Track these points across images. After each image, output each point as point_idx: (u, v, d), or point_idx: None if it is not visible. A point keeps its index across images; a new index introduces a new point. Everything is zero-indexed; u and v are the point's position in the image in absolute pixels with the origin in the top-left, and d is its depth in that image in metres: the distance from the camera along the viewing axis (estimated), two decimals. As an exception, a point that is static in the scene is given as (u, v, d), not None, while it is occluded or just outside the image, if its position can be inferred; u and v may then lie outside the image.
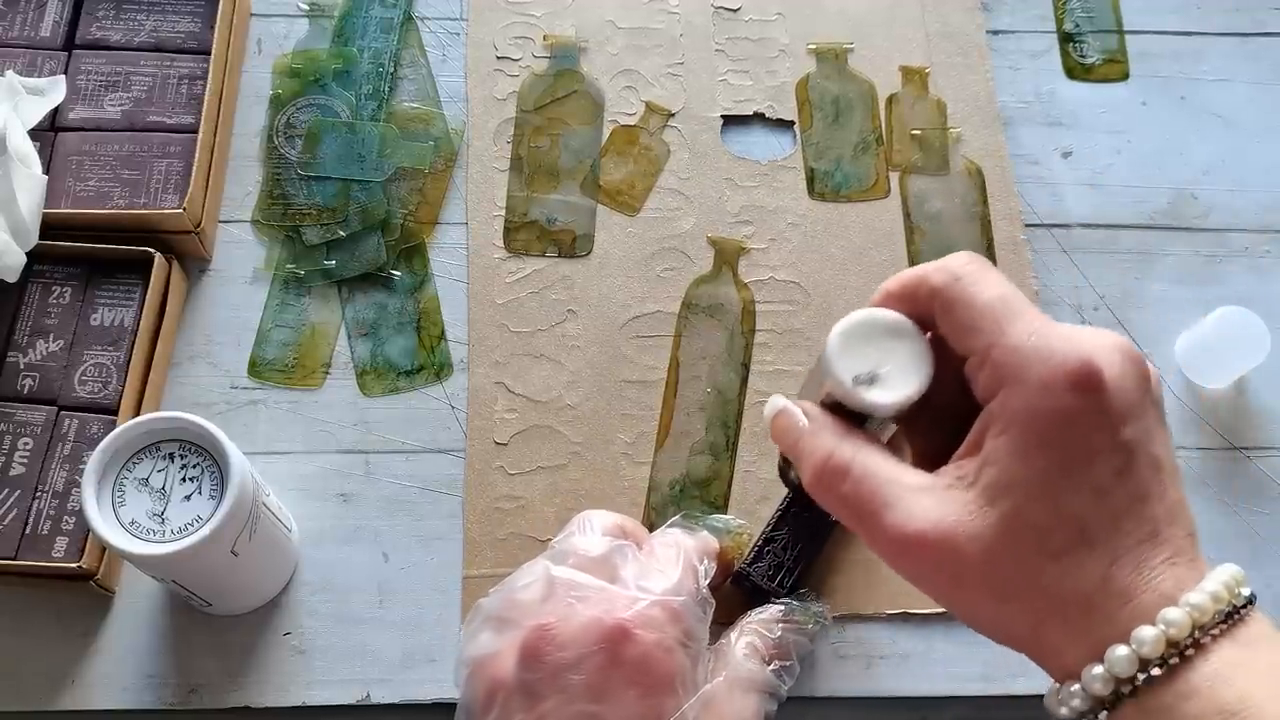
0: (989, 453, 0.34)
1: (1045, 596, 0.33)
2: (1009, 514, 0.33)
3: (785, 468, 0.45)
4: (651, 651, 0.39)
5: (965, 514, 0.33)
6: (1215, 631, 0.31)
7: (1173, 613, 0.31)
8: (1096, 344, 0.33)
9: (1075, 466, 0.33)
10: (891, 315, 0.38)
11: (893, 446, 0.39)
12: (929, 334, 0.37)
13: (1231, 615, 0.32)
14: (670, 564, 0.43)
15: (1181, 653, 0.31)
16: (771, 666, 0.45)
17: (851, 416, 0.38)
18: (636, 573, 0.42)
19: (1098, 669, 0.32)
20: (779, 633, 0.47)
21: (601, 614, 0.39)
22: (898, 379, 0.37)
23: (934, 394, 0.37)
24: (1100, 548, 0.32)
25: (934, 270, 0.37)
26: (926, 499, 0.34)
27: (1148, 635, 0.31)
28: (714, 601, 0.44)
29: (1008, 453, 0.33)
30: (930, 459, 0.37)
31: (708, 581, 0.44)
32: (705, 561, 0.45)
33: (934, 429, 0.38)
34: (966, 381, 0.36)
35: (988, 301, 0.35)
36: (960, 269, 0.36)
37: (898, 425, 0.39)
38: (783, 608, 0.48)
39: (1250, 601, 0.32)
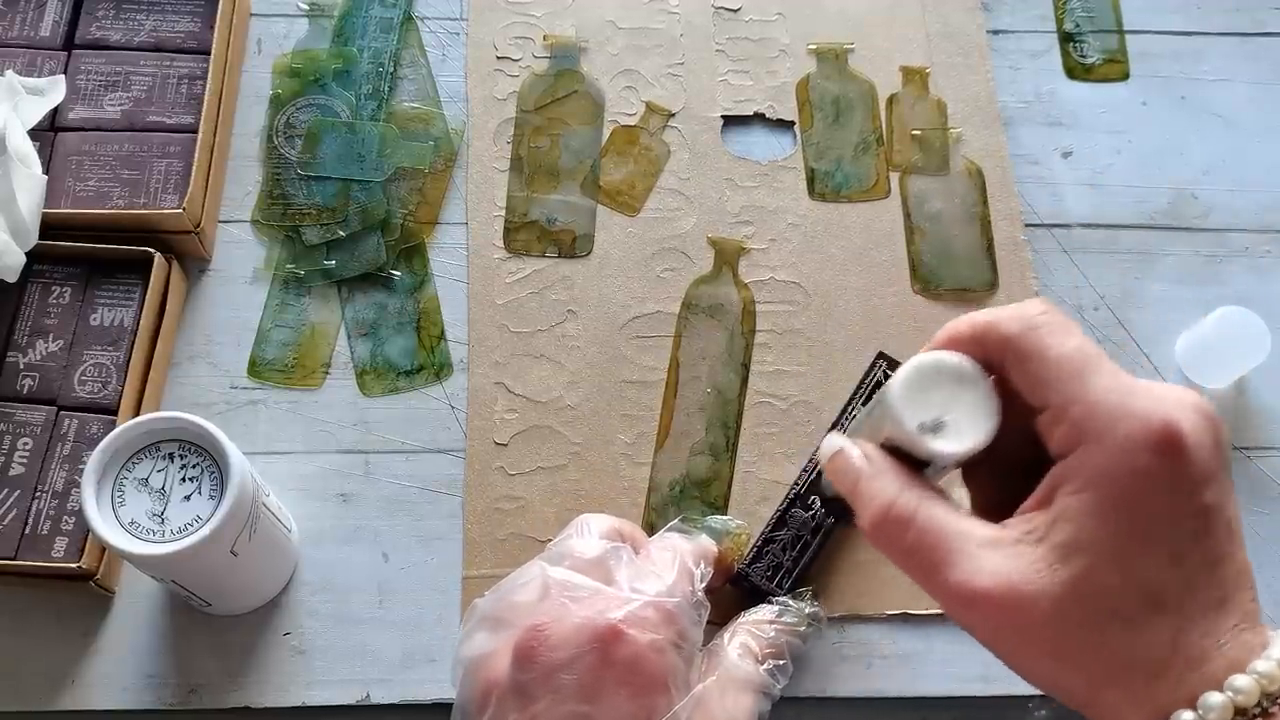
0: (1062, 510, 0.33)
1: (1111, 659, 0.32)
2: (1080, 575, 0.32)
3: (826, 489, 0.44)
4: (643, 652, 0.39)
5: (1033, 572, 0.33)
6: None
7: (1241, 680, 0.31)
8: (1177, 403, 0.33)
9: (1153, 530, 0.32)
10: (957, 360, 0.37)
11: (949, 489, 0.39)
12: (992, 377, 0.37)
13: None
14: (666, 567, 0.43)
15: None
16: (765, 666, 0.45)
17: (911, 460, 0.37)
18: (631, 575, 0.42)
19: None
20: (772, 633, 0.46)
21: (594, 615, 0.40)
22: (963, 426, 0.36)
23: (999, 443, 0.36)
24: (1171, 612, 0.32)
25: (1008, 318, 0.36)
26: (993, 554, 0.34)
27: (1215, 702, 0.31)
28: (709, 605, 0.44)
29: (1083, 512, 0.33)
30: (987, 507, 0.37)
31: (704, 585, 0.44)
32: (702, 565, 0.44)
33: (994, 477, 0.38)
34: (1031, 431, 0.35)
35: (1066, 354, 0.34)
36: (1036, 318, 0.35)
37: (957, 469, 0.38)
38: (776, 608, 0.48)
39: None
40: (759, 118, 0.64)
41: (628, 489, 0.55)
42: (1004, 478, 0.37)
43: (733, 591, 0.52)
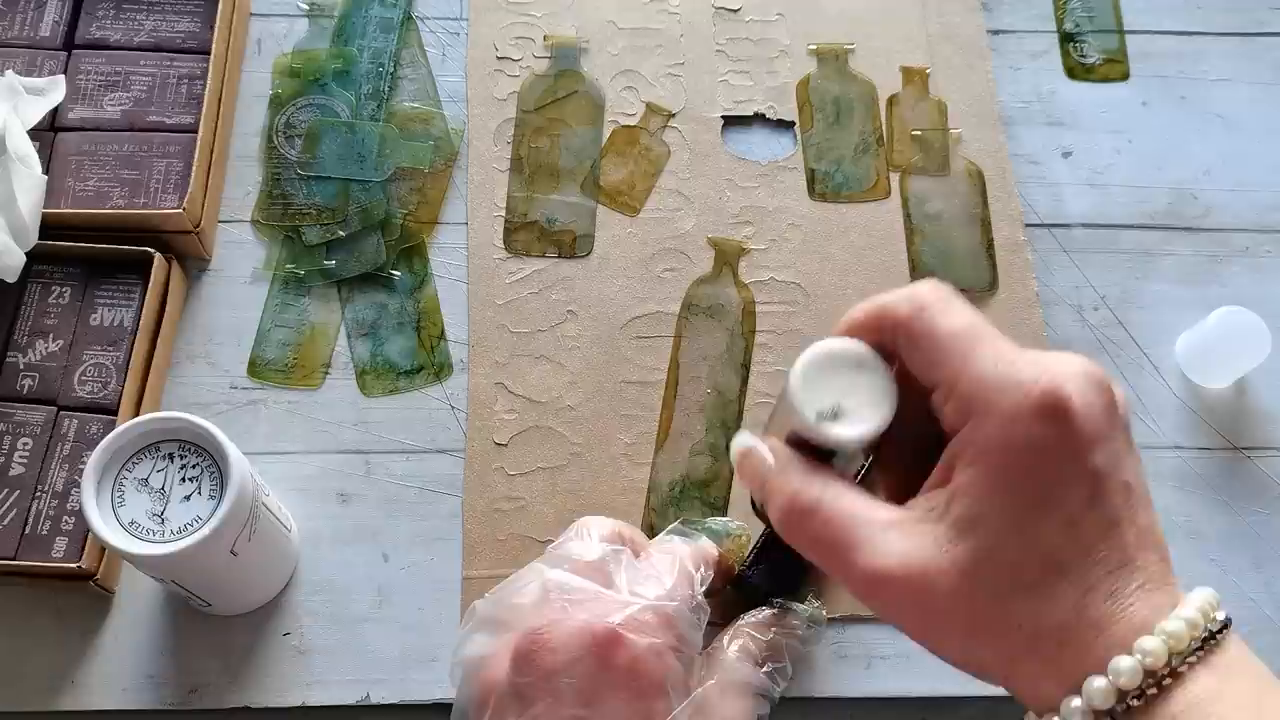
0: (958, 485, 0.33)
1: (1019, 630, 0.32)
2: (979, 548, 0.32)
3: (757, 503, 0.44)
4: (642, 656, 0.39)
5: (935, 549, 0.33)
6: (1192, 659, 0.31)
7: (1149, 641, 0.31)
8: (1062, 370, 0.33)
9: (1045, 497, 0.32)
10: (854, 346, 0.37)
11: (865, 479, 0.39)
12: (894, 364, 0.37)
13: (1207, 641, 0.31)
14: (665, 570, 0.43)
15: (1159, 682, 0.31)
16: (764, 669, 0.45)
17: (818, 452, 0.37)
18: (630, 578, 0.42)
19: (1076, 702, 0.31)
20: (771, 635, 0.46)
21: (593, 619, 0.39)
22: (862, 412, 0.36)
23: (902, 424, 0.36)
24: (1072, 578, 0.32)
25: (898, 300, 0.36)
26: (896, 535, 0.34)
27: (1125, 665, 0.31)
28: (708, 608, 0.44)
29: (977, 485, 0.33)
30: (901, 490, 0.37)
31: (704, 588, 0.44)
32: (702, 568, 0.44)
33: (903, 459, 0.38)
34: (930, 411, 0.35)
35: (952, 331, 0.35)
36: (924, 298, 0.36)
37: (868, 457, 0.38)
38: (775, 610, 0.48)
39: (1225, 625, 0.32)
40: (759, 118, 0.64)
41: (628, 489, 0.55)
42: (910, 459, 0.37)
43: (733, 593, 0.52)
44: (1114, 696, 0.31)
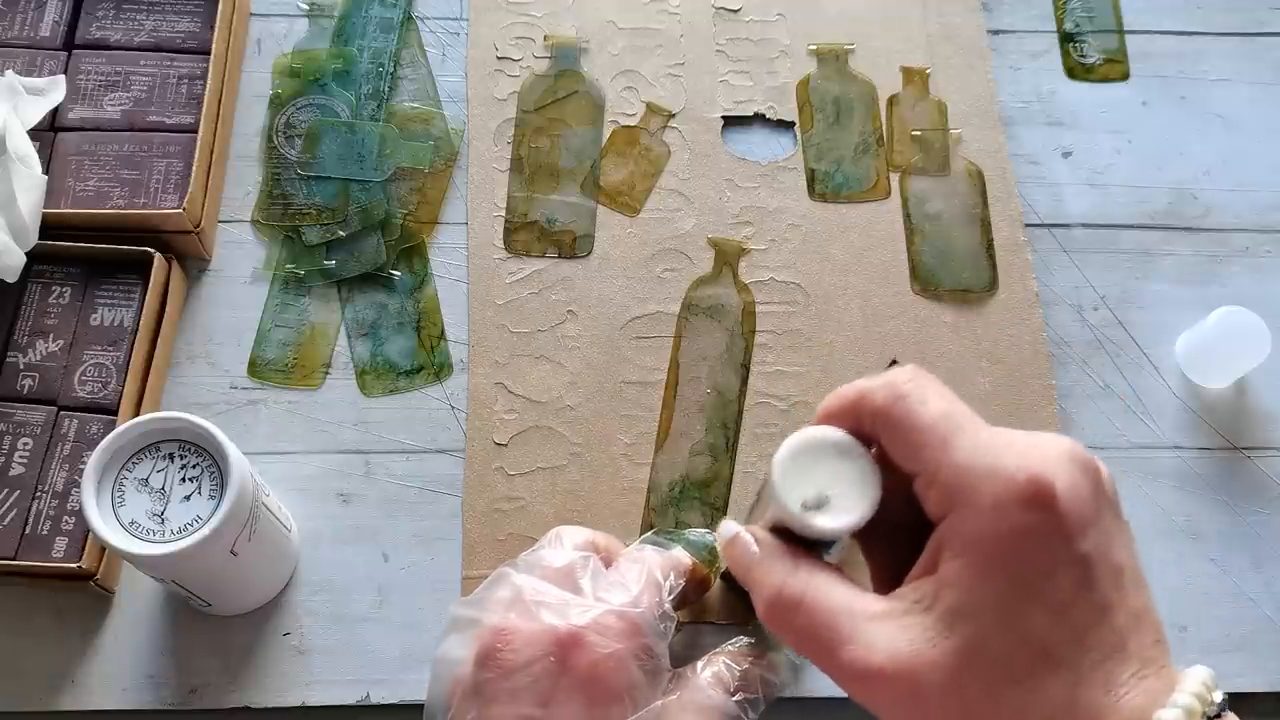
0: (944, 576, 0.33)
1: None
2: (969, 641, 0.32)
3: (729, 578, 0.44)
4: (602, 661, 0.39)
5: (924, 643, 0.33)
6: None
7: None
8: (1046, 455, 0.32)
9: (1033, 586, 0.32)
10: (835, 434, 0.37)
11: (850, 563, 0.38)
12: (874, 448, 0.37)
13: None
14: (633, 579, 0.42)
15: None
16: (736, 698, 0.43)
17: (804, 540, 0.37)
18: (597, 585, 0.42)
19: None
20: (747, 665, 0.44)
21: (557, 620, 0.39)
22: (846, 501, 0.36)
23: (887, 509, 0.36)
24: (1064, 668, 0.31)
25: (877, 388, 0.36)
26: (884, 628, 0.33)
27: None
28: (675, 618, 0.43)
29: (964, 576, 0.32)
30: (887, 574, 0.37)
31: (672, 597, 0.43)
32: (671, 577, 0.43)
33: (887, 545, 0.38)
34: (914, 496, 0.35)
35: (931, 420, 0.34)
36: (903, 386, 0.35)
37: (852, 540, 0.38)
38: (753, 641, 0.47)
39: (1223, 709, 0.31)
40: (759, 118, 0.64)
41: (628, 489, 0.55)
42: (896, 544, 0.37)
43: (725, 594, 0.52)
44: None
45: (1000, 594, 0.32)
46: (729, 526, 0.39)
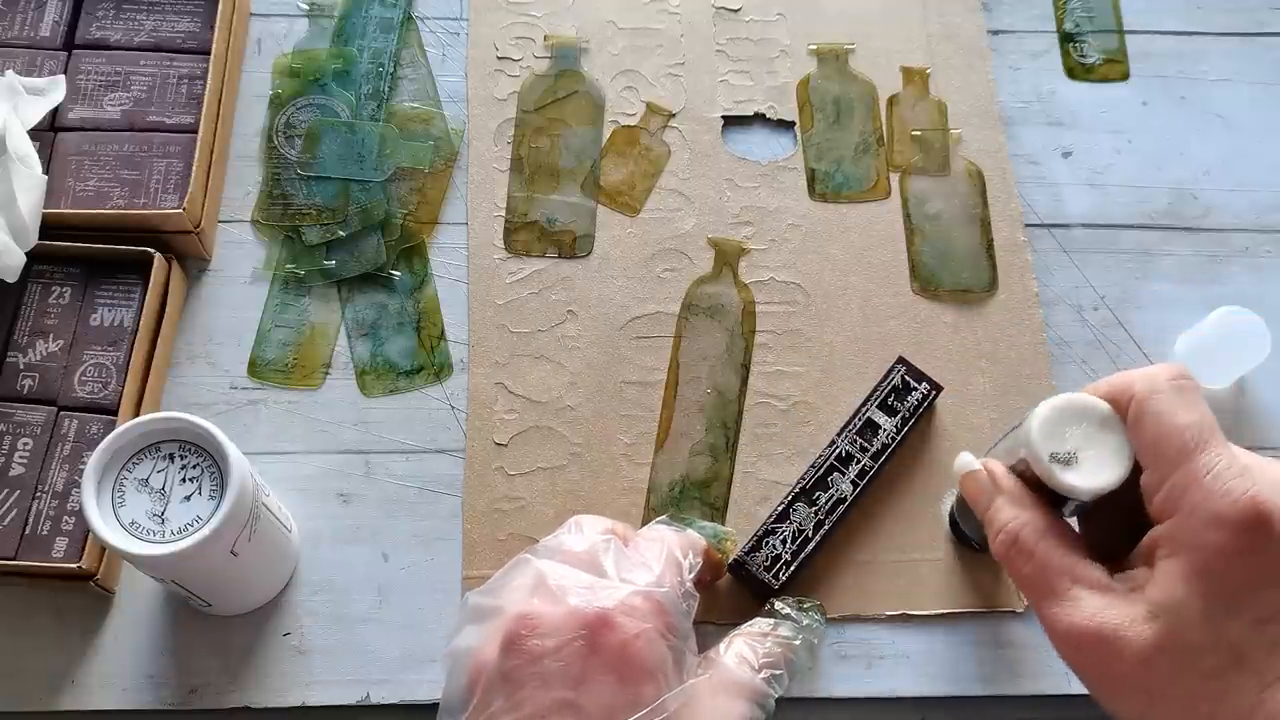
0: (1157, 572, 0.36)
1: (1194, 711, 0.35)
2: (1169, 630, 0.35)
3: (959, 515, 0.49)
4: (631, 641, 0.39)
5: (1127, 622, 0.36)
6: None
7: None
8: (1270, 484, 0.35)
9: (1239, 598, 0.35)
10: (1102, 406, 0.39)
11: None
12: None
13: None
14: (654, 558, 0.43)
15: None
16: (761, 675, 0.44)
17: (1040, 487, 0.40)
18: (620, 566, 0.42)
19: None
20: (768, 644, 0.46)
21: (583, 603, 0.40)
22: (1094, 466, 0.39)
23: (1119, 489, 0.39)
24: (1254, 673, 0.35)
25: (1139, 378, 0.39)
26: (1096, 598, 0.37)
27: None
28: (698, 596, 0.44)
29: (1174, 576, 0.36)
30: (1097, 548, 0.40)
31: (693, 576, 0.44)
32: (690, 556, 0.45)
33: (1107, 515, 0.41)
34: (1143, 487, 0.38)
35: (1178, 427, 0.37)
36: (1164, 383, 0.38)
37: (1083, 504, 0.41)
38: (773, 622, 0.48)
39: None
40: (759, 118, 0.64)
41: (628, 489, 0.55)
42: (1112, 519, 0.40)
43: (735, 588, 0.52)
44: None
45: (1206, 599, 0.35)
46: (969, 459, 0.43)
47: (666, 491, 0.55)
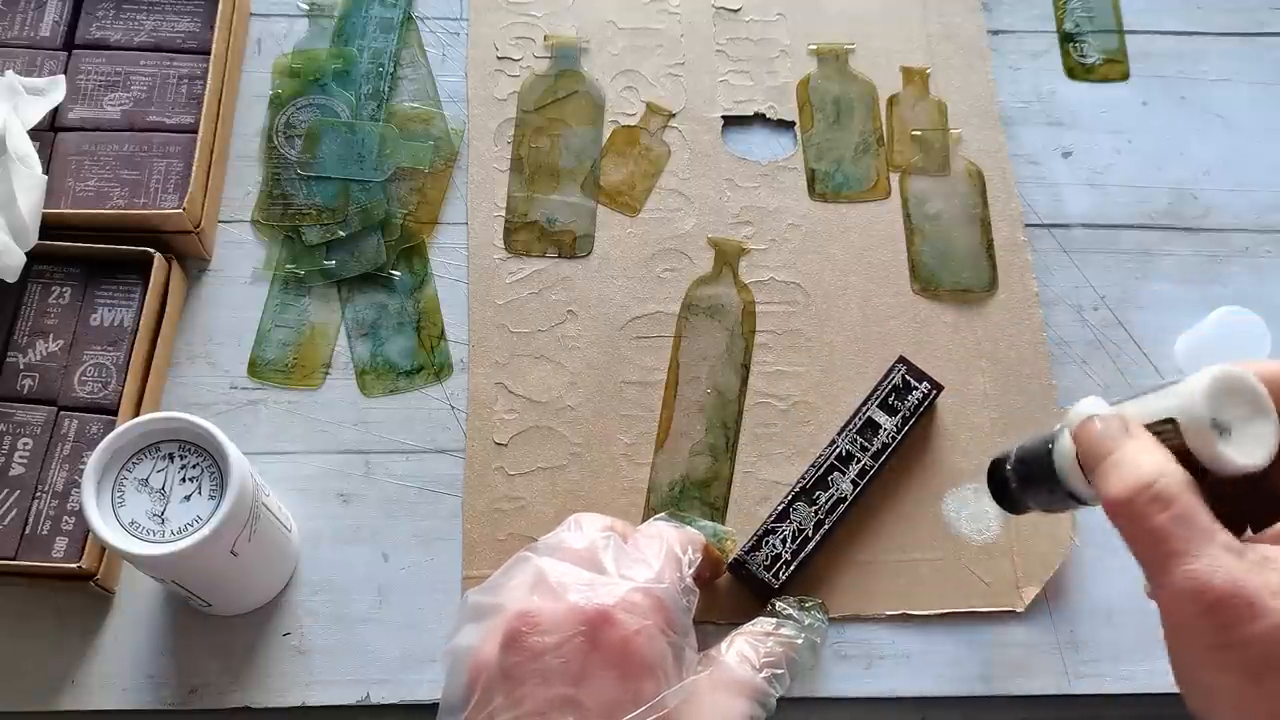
0: None
1: None
2: None
3: (1003, 469, 0.45)
4: (632, 637, 0.39)
5: (1264, 588, 0.34)
6: None
7: None
8: None
9: None
10: (1259, 386, 0.38)
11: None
12: None
13: None
14: (653, 554, 0.43)
15: None
16: (762, 674, 0.44)
17: (1181, 457, 0.38)
18: (619, 562, 0.42)
19: None
20: (770, 643, 0.46)
21: (583, 600, 0.40)
22: (1248, 443, 0.37)
23: (1256, 476, 0.38)
24: None
25: None
26: (1233, 560, 0.35)
27: None
28: (698, 592, 0.44)
29: None
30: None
31: (692, 572, 0.44)
32: (689, 552, 0.45)
33: (1229, 497, 0.39)
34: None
35: None
36: None
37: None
38: (775, 622, 0.48)
39: None
40: (759, 118, 0.64)
41: (628, 489, 0.55)
42: (1239, 510, 0.39)
43: (735, 587, 0.52)
44: None
45: None
46: (1096, 403, 0.40)
47: (666, 491, 0.55)
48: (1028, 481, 0.46)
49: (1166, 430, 0.39)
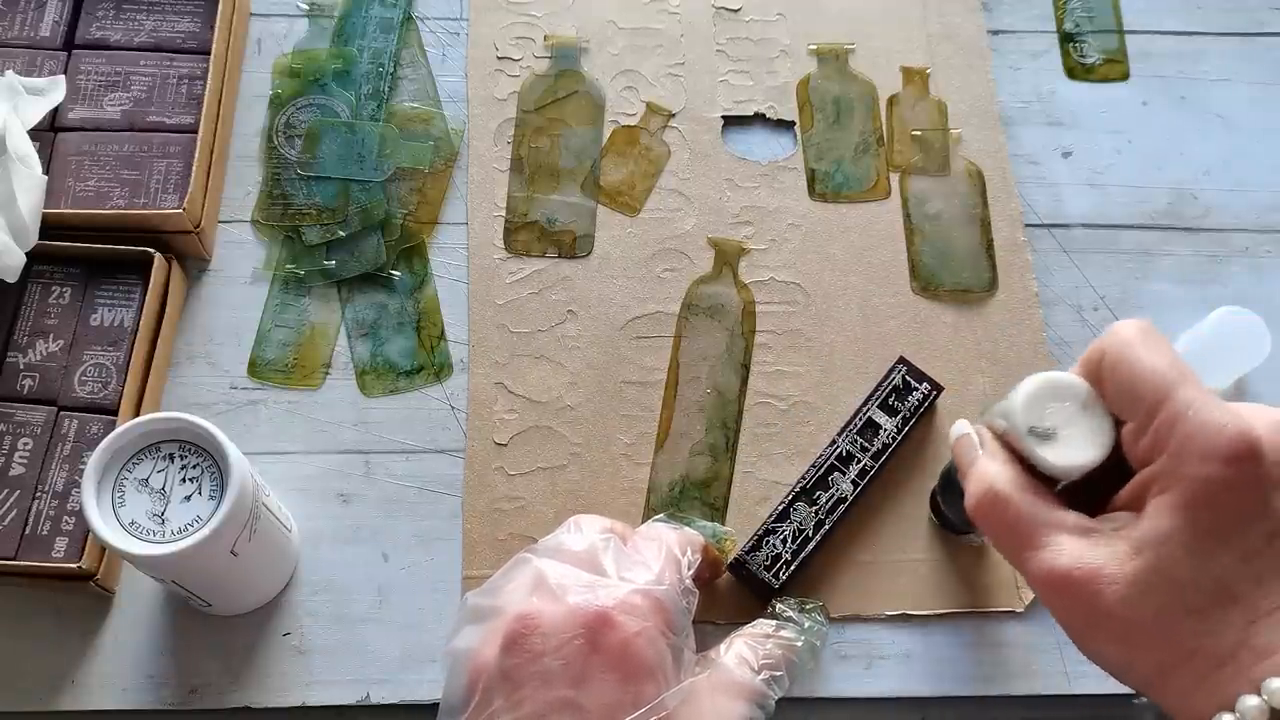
0: (1143, 510, 0.36)
1: (1178, 648, 0.35)
2: (1154, 566, 0.35)
3: (941, 493, 0.50)
4: (632, 639, 0.39)
5: (1111, 559, 0.36)
6: None
7: None
8: (1255, 416, 0.35)
9: (1226, 531, 0.34)
10: (1084, 386, 0.40)
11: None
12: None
13: None
14: (653, 556, 0.43)
15: None
16: (761, 676, 0.44)
17: (1030, 466, 0.40)
18: (619, 564, 0.42)
19: (1227, 718, 0.33)
20: (769, 645, 0.46)
21: (583, 601, 0.40)
22: (1073, 446, 0.39)
23: (1102, 474, 0.39)
24: (1241, 606, 0.34)
25: (1105, 337, 0.39)
26: (1076, 542, 0.37)
27: (1278, 686, 0.32)
28: (697, 593, 0.44)
29: (1160, 511, 0.35)
30: (1073, 504, 0.39)
31: (691, 573, 0.44)
32: (689, 553, 0.45)
33: (1087, 489, 0.40)
34: (1120, 448, 0.38)
35: (1151, 370, 0.37)
36: (1130, 335, 0.38)
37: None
38: (775, 624, 0.48)
39: None
40: (759, 118, 0.64)
41: (628, 489, 0.55)
42: (1094, 490, 0.40)
43: (735, 587, 0.52)
44: (1267, 715, 0.33)
45: (1193, 531, 0.35)
46: (963, 425, 0.43)
47: (666, 491, 0.55)
48: (949, 501, 0.50)
49: (1011, 445, 0.41)
